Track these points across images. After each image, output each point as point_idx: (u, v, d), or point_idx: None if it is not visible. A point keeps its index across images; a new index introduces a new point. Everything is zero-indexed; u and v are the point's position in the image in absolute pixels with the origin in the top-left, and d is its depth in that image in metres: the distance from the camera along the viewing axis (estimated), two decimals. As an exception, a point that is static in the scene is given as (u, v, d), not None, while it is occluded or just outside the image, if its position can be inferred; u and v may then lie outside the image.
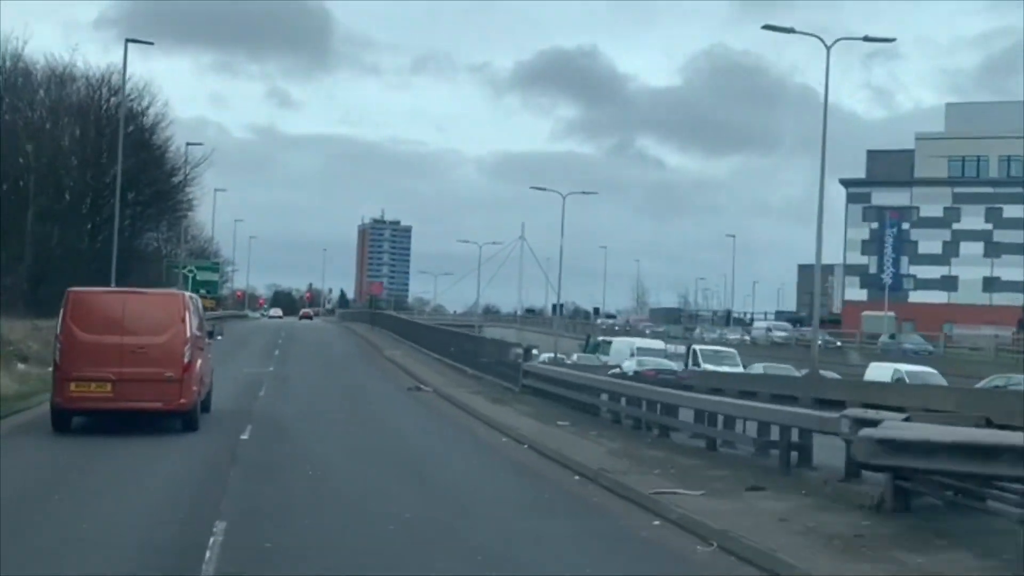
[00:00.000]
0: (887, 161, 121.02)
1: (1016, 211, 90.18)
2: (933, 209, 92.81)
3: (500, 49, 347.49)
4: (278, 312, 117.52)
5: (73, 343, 16.34)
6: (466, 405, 23.13)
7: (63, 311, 16.58)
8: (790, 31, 37.23)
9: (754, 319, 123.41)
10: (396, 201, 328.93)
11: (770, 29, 37.31)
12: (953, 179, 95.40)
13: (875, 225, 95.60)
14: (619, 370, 37.77)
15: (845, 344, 64.33)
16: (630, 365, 40.98)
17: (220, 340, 23.93)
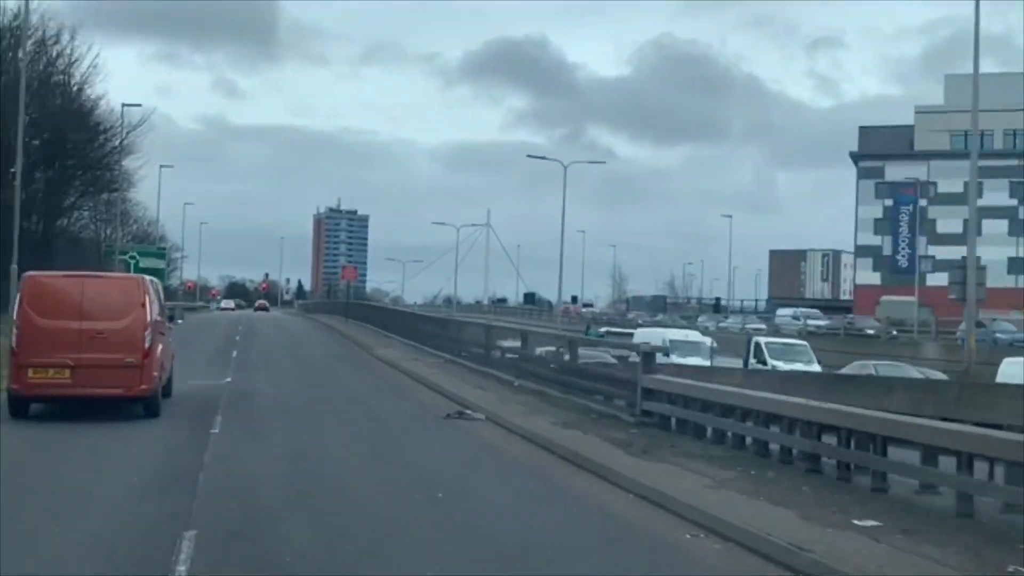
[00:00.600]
0: (882, 137, 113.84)
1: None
2: (952, 184, 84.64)
3: (449, 39, 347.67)
4: (230, 304, 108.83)
5: (30, 328, 15.75)
6: (581, 456, 12.57)
7: (20, 296, 16.27)
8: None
9: (743, 307, 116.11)
10: (351, 191, 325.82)
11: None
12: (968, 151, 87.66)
13: (889, 202, 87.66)
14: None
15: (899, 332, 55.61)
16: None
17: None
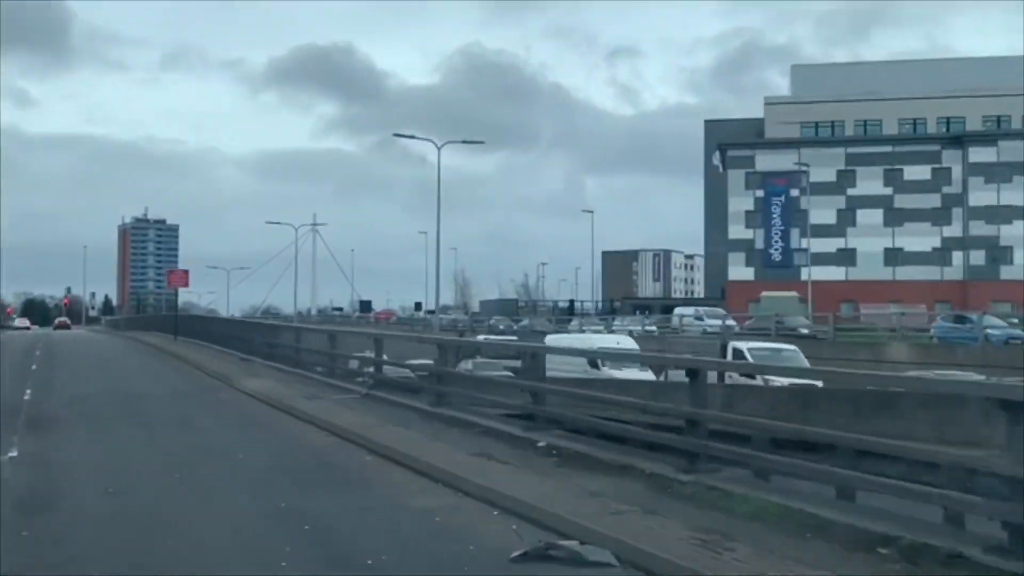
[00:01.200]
0: (729, 131, 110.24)
1: (919, 172, 79.15)
2: (824, 173, 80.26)
3: (253, 45, 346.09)
4: (24, 323, 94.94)
5: None
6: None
7: None
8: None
9: (598, 307, 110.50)
10: (159, 202, 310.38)
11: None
12: (848, 137, 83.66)
13: (760, 193, 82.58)
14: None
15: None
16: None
17: None
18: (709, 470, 9.24)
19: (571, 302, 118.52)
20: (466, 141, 41.88)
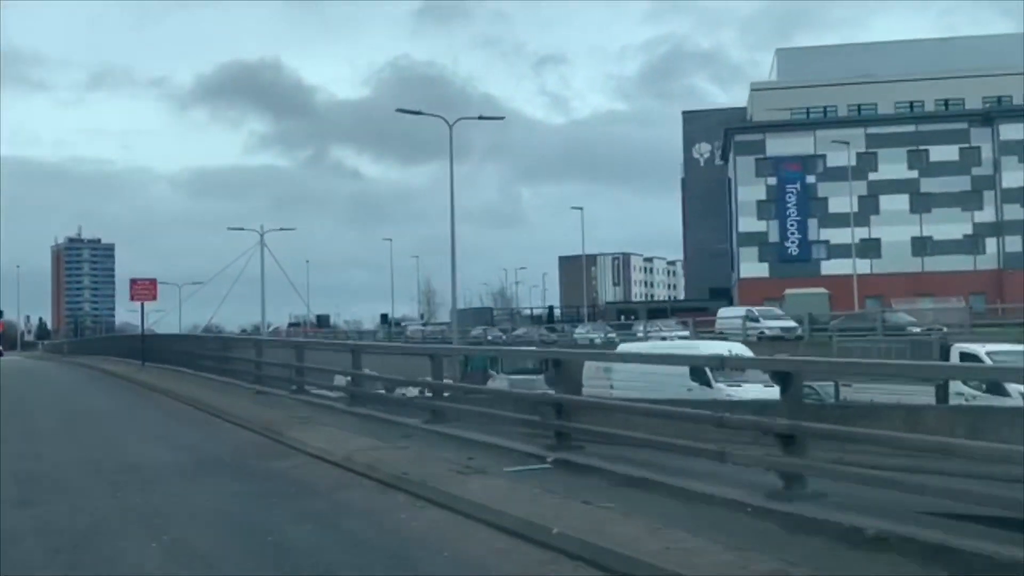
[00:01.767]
0: (711, 121, 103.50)
1: (946, 152, 72.45)
2: (843, 156, 73.25)
3: (179, 63, 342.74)
4: None
5: None
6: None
7: None
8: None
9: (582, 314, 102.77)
10: (90, 223, 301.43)
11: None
12: (867, 116, 76.70)
13: (773, 181, 75.30)
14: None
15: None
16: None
17: None
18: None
19: (551, 308, 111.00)
20: (482, 117, 38.26)
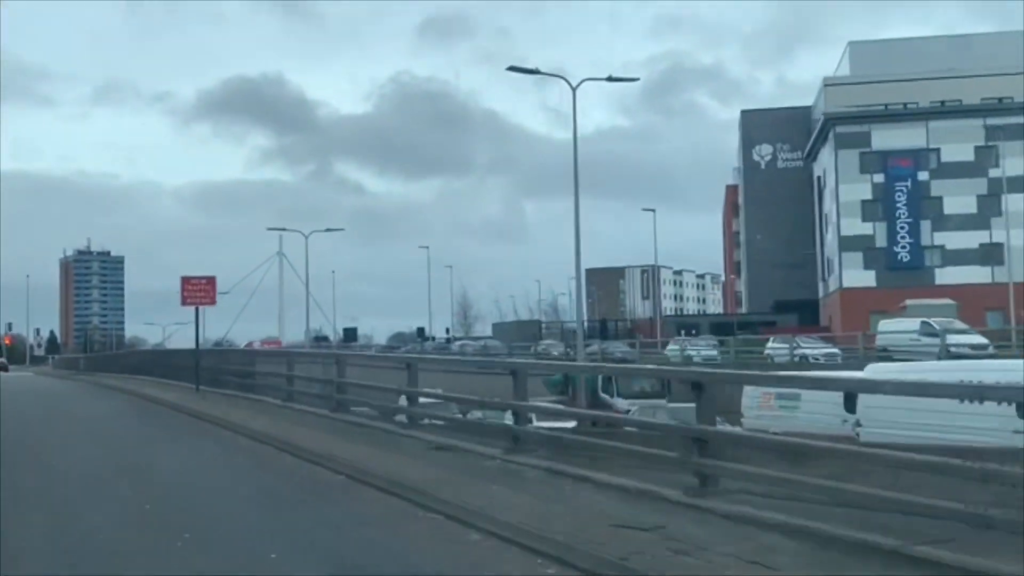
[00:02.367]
0: (775, 120, 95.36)
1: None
2: (958, 151, 64.74)
3: (182, 78, 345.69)
4: None
5: None
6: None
7: None
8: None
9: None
10: (98, 235, 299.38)
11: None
12: (985, 106, 68.00)
13: (880, 178, 66.74)
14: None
15: None
16: None
17: None
18: None
19: (603, 321, 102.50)
20: (611, 78, 31.29)
